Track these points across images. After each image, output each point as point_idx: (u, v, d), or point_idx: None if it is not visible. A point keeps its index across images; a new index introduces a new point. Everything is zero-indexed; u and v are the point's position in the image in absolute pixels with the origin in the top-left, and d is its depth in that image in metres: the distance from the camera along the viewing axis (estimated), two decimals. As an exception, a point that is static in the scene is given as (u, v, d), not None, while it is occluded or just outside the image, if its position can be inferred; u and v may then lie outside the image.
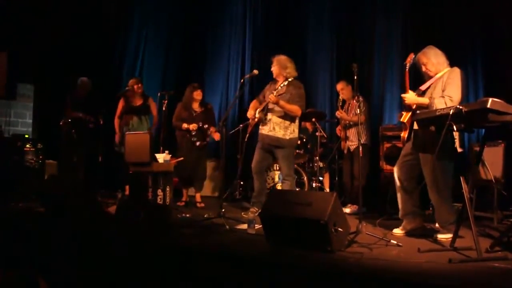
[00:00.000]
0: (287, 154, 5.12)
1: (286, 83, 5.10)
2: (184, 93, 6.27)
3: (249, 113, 5.32)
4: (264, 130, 5.15)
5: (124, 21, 8.75)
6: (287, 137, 5.07)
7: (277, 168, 6.16)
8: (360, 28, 7.51)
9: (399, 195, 4.22)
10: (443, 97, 3.87)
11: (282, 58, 5.21)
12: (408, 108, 4.15)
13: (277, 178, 6.30)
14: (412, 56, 4.39)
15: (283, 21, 8.21)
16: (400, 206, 4.22)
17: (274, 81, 5.30)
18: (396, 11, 7.15)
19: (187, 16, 8.93)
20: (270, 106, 5.09)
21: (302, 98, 5.12)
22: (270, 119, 5.11)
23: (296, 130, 5.19)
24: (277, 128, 5.07)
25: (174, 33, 8.94)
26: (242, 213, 5.25)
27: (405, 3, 7.05)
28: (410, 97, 4.11)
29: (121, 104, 6.48)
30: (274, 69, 5.22)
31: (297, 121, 5.20)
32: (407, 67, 4.38)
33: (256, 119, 5.20)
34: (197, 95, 6.18)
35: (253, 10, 8.61)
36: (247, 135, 5.56)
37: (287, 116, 5.09)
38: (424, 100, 4.02)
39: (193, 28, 8.90)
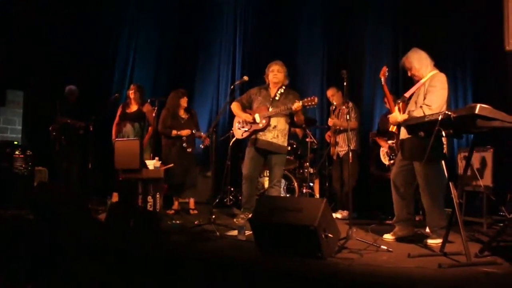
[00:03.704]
0: (283, 160, 5.16)
1: (282, 90, 5.09)
2: (168, 98, 6.16)
3: (246, 116, 5.11)
4: (266, 136, 5.01)
5: (114, 28, 8.72)
6: (286, 144, 5.14)
7: (267, 174, 6.13)
8: (351, 34, 7.55)
9: (395, 201, 4.23)
10: (421, 106, 3.86)
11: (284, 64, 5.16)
12: None
13: (267, 184, 6.28)
14: (385, 69, 4.40)
15: (274, 28, 8.23)
16: (395, 212, 4.23)
17: (264, 86, 5.21)
18: (387, 17, 7.22)
19: (177, 23, 8.91)
20: (277, 113, 4.96)
21: None
22: (275, 126, 5.01)
23: None
24: (280, 135, 5.03)
25: (164, 40, 8.91)
26: (234, 219, 5.18)
27: (396, 10, 7.11)
28: (392, 116, 4.13)
29: (119, 111, 6.38)
30: (280, 75, 5.09)
31: None
32: (382, 81, 4.38)
33: (261, 125, 5.01)
34: (184, 101, 6.09)
35: (243, 16, 8.63)
36: (242, 138, 5.33)
37: (288, 124, 5.11)
38: (404, 116, 4.00)
39: (183, 35, 8.88)
